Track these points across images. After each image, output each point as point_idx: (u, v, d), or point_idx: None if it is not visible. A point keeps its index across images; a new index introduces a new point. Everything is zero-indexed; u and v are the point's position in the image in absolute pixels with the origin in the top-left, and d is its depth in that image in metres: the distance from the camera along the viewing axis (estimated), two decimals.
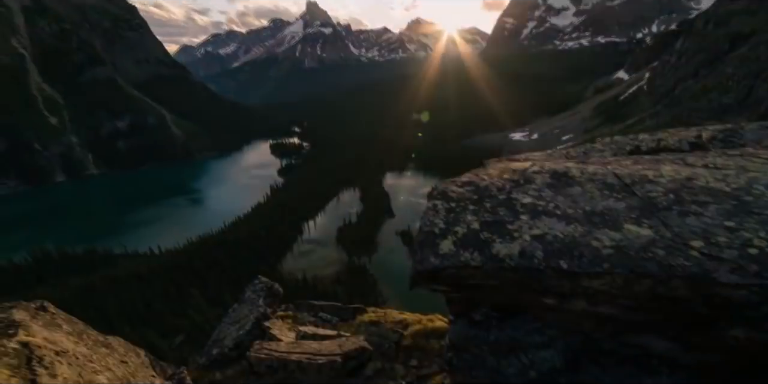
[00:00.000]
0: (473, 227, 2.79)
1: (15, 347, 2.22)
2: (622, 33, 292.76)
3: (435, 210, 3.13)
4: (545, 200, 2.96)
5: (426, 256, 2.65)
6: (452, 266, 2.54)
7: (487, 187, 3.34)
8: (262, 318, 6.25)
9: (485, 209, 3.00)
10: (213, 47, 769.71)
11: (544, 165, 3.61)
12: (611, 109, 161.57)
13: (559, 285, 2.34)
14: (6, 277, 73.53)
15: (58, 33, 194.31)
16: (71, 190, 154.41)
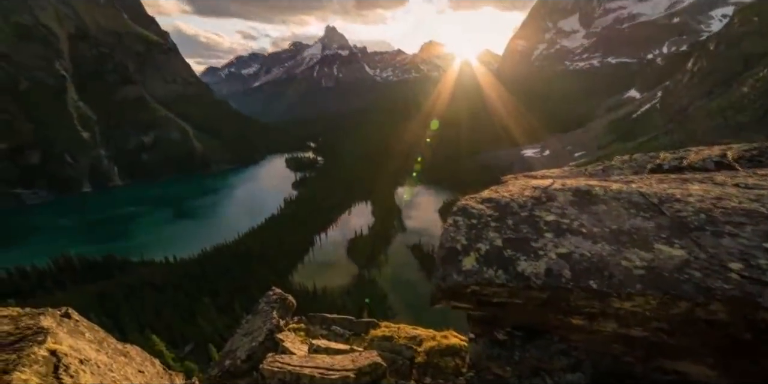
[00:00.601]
0: (496, 244, 2.71)
1: (44, 355, 2.21)
2: (633, 54, 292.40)
3: (456, 226, 3.07)
4: (569, 218, 2.88)
5: (449, 273, 2.58)
6: (476, 283, 2.46)
7: (509, 204, 3.27)
8: (275, 330, 6.15)
9: (508, 226, 2.93)
10: (236, 68, 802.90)
11: (565, 182, 3.53)
12: (624, 127, 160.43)
13: (589, 305, 2.24)
14: (28, 282, 75.40)
15: (96, 56, 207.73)
16: (96, 199, 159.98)
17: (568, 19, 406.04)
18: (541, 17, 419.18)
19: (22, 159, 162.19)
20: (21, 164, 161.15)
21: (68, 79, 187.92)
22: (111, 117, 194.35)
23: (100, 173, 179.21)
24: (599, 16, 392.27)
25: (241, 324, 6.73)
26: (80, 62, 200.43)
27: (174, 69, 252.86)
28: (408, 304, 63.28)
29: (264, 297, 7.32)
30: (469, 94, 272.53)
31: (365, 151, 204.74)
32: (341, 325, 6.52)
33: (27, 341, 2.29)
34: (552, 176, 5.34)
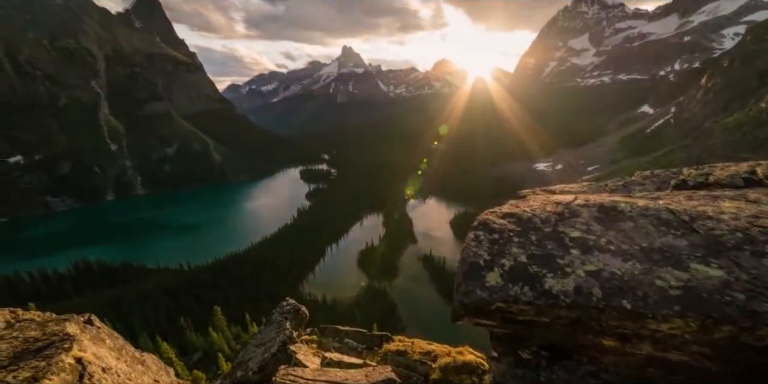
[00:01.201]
0: (520, 260, 2.61)
1: (71, 363, 2.20)
2: (644, 71, 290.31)
3: (478, 241, 2.98)
4: (595, 234, 2.76)
5: (472, 289, 2.47)
6: (501, 300, 2.35)
7: (531, 219, 3.17)
8: (288, 341, 6.03)
9: (531, 242, 2.82)
10: (257, 85, 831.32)
11: (588, 198, 3.41)
12: (637, 142, 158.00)
13: (622, 326, 2.09)
14: (49, 286, 76.97)
15: (129, 75, 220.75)
16: (118, 207, 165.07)
17: (577, 39, 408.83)
18: (551, 37, 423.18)
19: (55, 169, 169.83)
20: (53, 174, 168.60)
21: (102, 95, 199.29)
22: (138, 130, 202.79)
23: (124, 183, 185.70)
24: (609, 35, 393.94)
25: (255, 334, 6.64)
26: (114, 80, 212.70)
27: (199, 86, 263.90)
28: (418, 317, 61.85)
29: (277, 307, 7.23)
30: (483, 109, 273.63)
31: (378, 164, 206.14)
32: (354, 338, 6.36)
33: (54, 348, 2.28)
34: (572, 191, 5.20)
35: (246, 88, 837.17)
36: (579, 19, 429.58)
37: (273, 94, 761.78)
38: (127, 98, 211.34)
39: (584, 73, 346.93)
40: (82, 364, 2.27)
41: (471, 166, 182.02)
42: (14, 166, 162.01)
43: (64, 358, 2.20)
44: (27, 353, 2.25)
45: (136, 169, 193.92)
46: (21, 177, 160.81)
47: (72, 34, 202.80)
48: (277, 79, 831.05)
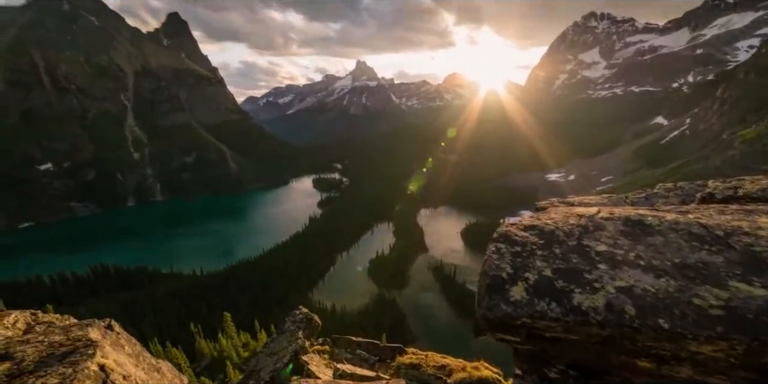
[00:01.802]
0: (545, 274, 2.50)
1: (95, 370, 2.20)
2: (656, 83, 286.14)
3: (499, 253, 2.88)
4: (623, 249, 2.63)
5: (496, 303, 2.36)
6: (527, 316, 2.24)
7: (553, 232, 3.06)
8: (300, 351, 5.93)
9: (555, 255, 2.71)
10: (274, 97, 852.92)
11: (612, 211, 3.28)
12: (651, 153, 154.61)
13: (659, 347, 1.98)
14: (68, 289, 78.42)
15: (154, 88, 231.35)
16: (137, 213, 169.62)
17: (588, 53, 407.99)
18: (561, 51, 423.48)
19: (80, 176, 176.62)
20: (78, 180, 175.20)
21: (128, 107, 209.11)
22: (160, 140, 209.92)
23: (144, 189, 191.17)
24: (619, 48, 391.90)
25: (267, 343, 6.55)
26: (140, 93, 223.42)
27: (219, 99, 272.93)
28: (428, 328, 60.42)
29: (290, 316, 7.14)
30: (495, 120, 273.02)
31: (389, 174, 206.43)
32: (366, 349, 6.19)
33: (78, 354, 2.27)
34: (591, 203, 5.04)
35: (263, 100, 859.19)
36: (589, 34, 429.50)
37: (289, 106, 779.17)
38: (152, 110, 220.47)
39: (595, 85, 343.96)
40: (105, 371, 2.25)
41: (483, 176, 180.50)
42: (44, 173, 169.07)
43: (89, 365, 2.19)
44: (52, 358, 2.24)
45: (156, 176, 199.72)
46: (50, 183, 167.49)
47: (105, 51, 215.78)
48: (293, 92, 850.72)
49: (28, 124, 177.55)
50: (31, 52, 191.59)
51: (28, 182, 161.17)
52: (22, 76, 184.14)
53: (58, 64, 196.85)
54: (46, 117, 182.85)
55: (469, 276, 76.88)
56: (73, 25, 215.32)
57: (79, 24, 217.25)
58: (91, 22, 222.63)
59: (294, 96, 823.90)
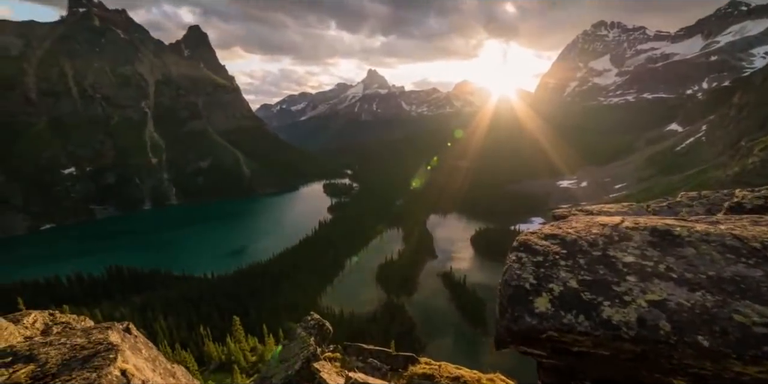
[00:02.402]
0: (571, 285, 2.39)
1: (117, 375, 2.20)
2: (670, 90, 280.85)
3: (520, 263, 2.78)
4: (652, 260, 2.50)
5: (520, 315, 2.25)
6: (554, 329, 2.12)
7: (576, 242, 2.94)
8: (311, 358, 5.84)
9: (580, 266, 2.60)
10: (287, 105, 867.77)
11: (637, 221, 3.15)
12: (666, 160, 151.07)
13: (698, 366, 1.83)
14: (84, 289, 79.68)
15: (174, 96, 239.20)
16: (152, 216, 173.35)
17: (598, 60, 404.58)
18: (571, 59, 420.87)
19: (101, 180, 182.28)
20: (99, 184, 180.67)
21: (149, 114, 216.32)
22: (177, 145, 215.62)
23: (160, 193, 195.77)
24: (631, 56, 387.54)
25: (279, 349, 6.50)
26: (160, 101, 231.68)
27: (234, 106, 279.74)
28: (437, 336, 59.24)
29: (302, 322, 7.08)
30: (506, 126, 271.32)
31: (398, 179, 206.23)
32: (378, 358, 6.06)
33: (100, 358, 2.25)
34: (611, 212, 4.88)
35: (277, 107, 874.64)
36: (599, 42, 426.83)
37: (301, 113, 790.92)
38: (171, 117, 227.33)
39: (607, 92, 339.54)
40: (126, 376, 2.24)
41: (493, 182, 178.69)
42: (68, 177, 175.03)
43: (112, 370, 2.19)
44: (74, 361, 2.24)
45: (172, 181, 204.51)
46: (73, 186, 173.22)
47: (130, 62, 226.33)
48: (306, 100, 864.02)
49: (56, 131, 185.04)
50: (61, 63, 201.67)
51: (52, 185, 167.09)
52: (52, 85, 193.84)
53: (85, 74, 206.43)
54: (72, 124, 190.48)
55: (480, 283, 75.52)
56: (102, 38, 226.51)
57: (107, 37, 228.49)
58: (118, 35, 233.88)
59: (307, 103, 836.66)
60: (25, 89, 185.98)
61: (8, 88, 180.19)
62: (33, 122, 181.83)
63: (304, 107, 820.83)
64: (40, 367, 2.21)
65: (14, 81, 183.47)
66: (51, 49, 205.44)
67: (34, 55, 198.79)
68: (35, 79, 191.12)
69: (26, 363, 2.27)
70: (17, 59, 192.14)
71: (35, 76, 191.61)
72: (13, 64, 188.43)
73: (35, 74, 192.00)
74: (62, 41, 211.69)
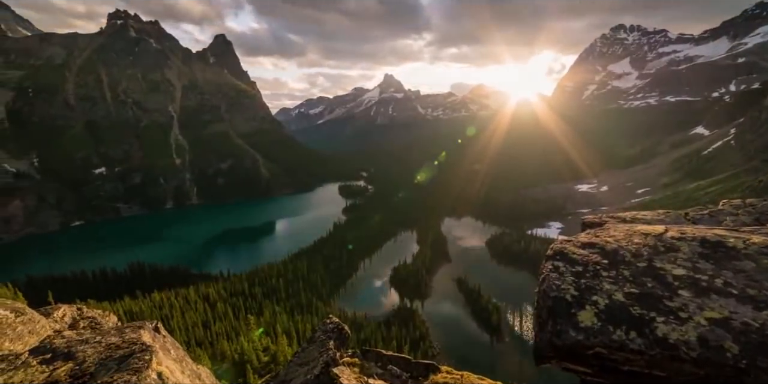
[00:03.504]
0: (617, 298, 2.22)
1: (154, 378, 2.20)
2: (694, 92, 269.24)
3: (558, 272, 2.63)
4: (706, 274, 2.31)
5: (564, 329, 2.11)
6: (602, 345, 1.97)
7: (617, 251, 2.76)
8: (331, 363, 5.74)
9: (625, 278, 2.43)
10: (305, 109, 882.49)
11: (683, 230, 2.93)
12: (692, 164, 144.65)
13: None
14: (107, 285, 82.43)
15: (199, 101, 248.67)
16: (175, 215, 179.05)
17: (618, 63, 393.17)
18: (590, 62, 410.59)
19: (128, 179, 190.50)
20: (126, 184, 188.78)
21: (175, 118, 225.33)
22: (200, 147, 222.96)
23: (182, 193, 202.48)
24: (652, 59, 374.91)
25: (297, 352, 6.45)
26: (186, 105, 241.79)
27: (255, 110, 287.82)
28: (452, 343, 57.93)
29: (320, 325, 7.02)
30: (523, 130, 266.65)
31: (413, 182, 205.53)
32: (398, 365, 5.90)
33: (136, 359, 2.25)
34: (647, 219, 4.63)
35: (295, 111, 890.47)
36: (618, 45, 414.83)
37: (319, 116, 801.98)
38: (195, 120, 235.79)
39: (627, 95, 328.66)
40: (162, 378, 2.22)
41: (510, 185, 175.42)
42: (98, 177, 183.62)
43: (150, 373, 2.20)
44: (111, 361, 2.24)
45: (194, 181, 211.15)
46: (102, 186, 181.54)
47: (160, 69, 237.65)
48: (324, 103, 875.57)
49: (90, 133, 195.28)
50: (98, 70, 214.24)
51: (84, 184, 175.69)
52: (89, 91, 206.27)
53: (119, 81, 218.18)
54: (105, 127, 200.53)
55: (495, 289, 73.88)
56: (136, 48, 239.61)
57: (141, 46, 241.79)
58: (151, 45, 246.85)
59: (324, 107, 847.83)
60: (65, 95, 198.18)
61: (51, 93, 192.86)
62: (70, 125, 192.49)
63: (321, 111, 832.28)
64: (78, 365, 2.22)
65: (56, 87, 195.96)
66: (90, 57, 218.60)
67: (75, 64, 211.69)
68: (74, 86, 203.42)
69: (65, 361, 2.29)
70: (60, 67, 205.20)
71: (74, 82, 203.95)
72: (56, 72, 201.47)
73: (74, 81, 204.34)
74: (100, 51, 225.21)
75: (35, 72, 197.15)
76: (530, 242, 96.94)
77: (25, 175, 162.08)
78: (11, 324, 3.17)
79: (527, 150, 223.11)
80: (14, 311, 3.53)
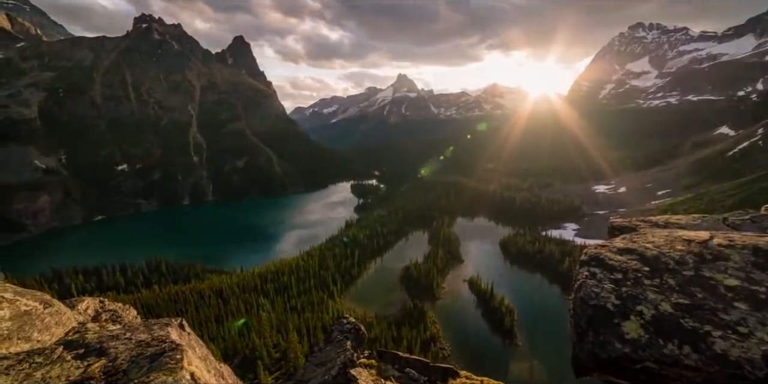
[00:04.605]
0: (664, 309, 2.09)
1: (188, 379, 2.19)
2: (718, 91, 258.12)
3: (596, 279, 2.49)
4: (763, 285, 2.15)
5: (607, 340, 1.99)
6: (652, 360, 1.86)
7: (659, 259, 2.60)
8: (348, 364, 5.71)
9: (670, 287, 2.28)
10: (319, 108, 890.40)
11: (731, 237, 2.74)
12: (717, 165, 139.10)
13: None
14: (126, 278, 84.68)
15: (216, 100, 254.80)
16: (191, 211, 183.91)
17: (636, 62, 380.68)
18: (607, 61, 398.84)
19: (148, 176, 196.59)
20: (146, 180, 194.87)
21: (194, 116, 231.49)
22: (217, 145, 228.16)
23: (198, 190, 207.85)
24: (672, 57, 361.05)
25: (314, 352, 6.45)
26: (204, 104, 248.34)
27: (270, 109, 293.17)
28: (464, 345, 56.91)
29: (336, 325, 6.99)
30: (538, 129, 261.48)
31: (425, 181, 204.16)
32: (416, 368, 5.82)
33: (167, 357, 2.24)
34: (680, 224, 4.39)
35: (309, 110, 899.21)
36: (637, 44, 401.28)
37: (332, 115, 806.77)
38: (213, 119, 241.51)
39: (646, 94, 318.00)
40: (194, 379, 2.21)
41: (524, 185, 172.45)
42: (120, 173, 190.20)
43: (185, 374, 2.19)
44: (142, 358, 2.25)
45: (210, 178, 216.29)
46: (123, 182, 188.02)
47: (181, 70, 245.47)
48: (337, 103, 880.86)
49: (114, 131, 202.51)
50: (123, 71, 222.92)
51: (106, 181, 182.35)
52: (114, 91, 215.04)
53: (143, 81, 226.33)
54: (128, 125, 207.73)
55: (508, 291, 72.78)
56: (159, 50, 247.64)
57: (164, 48, 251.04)
58: (173, 47, 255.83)
59: (338, 106, 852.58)
60: (92, 95, 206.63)
61: (80, 93, 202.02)
62: (96, 124, 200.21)
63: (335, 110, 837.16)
64: (111, 362, 2.23)
65: (85, 88, 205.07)
66: (116, 59, 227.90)
67: (102, 65, 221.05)
68: (101, 86, 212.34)
69: (98, 357, 2.31)
70: (88, 69, 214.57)
71: (101, 83, 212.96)
72: (85, 73, 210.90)
73: (101, 82, 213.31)
74: (126, 53, 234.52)
75: (66, 74, 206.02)
76: (545, 243, 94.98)
77: (54, 171, 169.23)
78: (40, 315, 3.25)
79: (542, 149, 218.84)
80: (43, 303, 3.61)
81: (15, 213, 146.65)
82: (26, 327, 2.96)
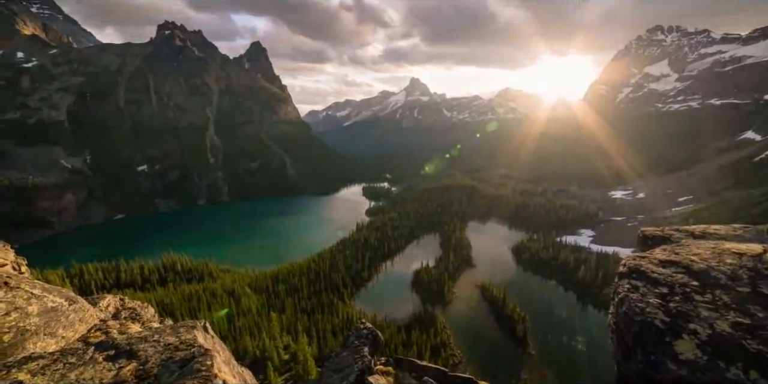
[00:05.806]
0: (722, 329, 1.93)
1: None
2: (743, 95, 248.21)
3: (639, 293, 2.34)
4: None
5: (660, 360, 1.87)
6: (714, 383, 1.69)
7: (708, 273, 2.43)
8: (366, 371, 5.61)
9: (725, 304, 2.13)
10: (333, 111, 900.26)
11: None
12: (743, 171, 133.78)
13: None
14: (142, 276, 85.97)
15: (233, 103, 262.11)
16: (207, 211, 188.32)
17: (655, 65, 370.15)
18: (625, 64, 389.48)
19: (166, 177, 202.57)
20: (164, 181, 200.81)
21: (211, 119, 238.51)
22: (232, 147, 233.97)
23: (214, 190, 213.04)
24: (693, 60, 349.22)
25: (331, 357, 6.38)
26: (221, 107, 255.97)
27: (285, 112, 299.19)
28: (475, 352, 55.75)
29: (353, 330, 6.91)
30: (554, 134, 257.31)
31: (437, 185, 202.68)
32: (435, 378, 5.67)
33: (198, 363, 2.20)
34: (720, 234, 4.15)
35: (323, 113, 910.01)
36: (656, 47, 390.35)
37: (345, 119, 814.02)
38: (229, 121, 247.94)
39: (666, 98, 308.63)
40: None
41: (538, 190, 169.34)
42: (140, 174, 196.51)
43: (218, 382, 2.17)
44: (172, 362, 2.23)
45: (225, 179, 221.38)
46: (143, 182, 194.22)
47: (200, 74, 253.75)
48: (351, 106, 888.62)
49: (135, 133, 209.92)
50: (146, 76, 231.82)
51: (127, 181, 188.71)
52: (137, 94, 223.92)
53: (164, 85, 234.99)
54: (148, 128, 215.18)
55: (521, 298, 71.21)
56: (180, 55, 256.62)
57: (184, 54, 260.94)
58: (193, 52, 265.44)
59: (351, 110, 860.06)
60: (117, 98, 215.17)
61: (105, 97, 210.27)
62: (119, 126, 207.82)
63: (348, 113, 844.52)
64: (142, 365, 2.22)
65: (110, 92, 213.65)
66: (140, 64, 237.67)
67: (127, 70, 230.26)
68: (125, 90, 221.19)
69: (128, 359, 2.30)
70: (114, 74, 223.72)
71: (125, 87, 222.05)
72: (111, 78, 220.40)
73: (125, 86, 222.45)
74: (149, 58, 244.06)
75: (93, 78, 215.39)
76: (559, 250, 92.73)
77: (79, 171, 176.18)
78: (65, 311, 3.30)
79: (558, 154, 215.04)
80: (68, 299, 3.67)
81: (41, 211, 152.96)
82: (52, 323, 3.01)
